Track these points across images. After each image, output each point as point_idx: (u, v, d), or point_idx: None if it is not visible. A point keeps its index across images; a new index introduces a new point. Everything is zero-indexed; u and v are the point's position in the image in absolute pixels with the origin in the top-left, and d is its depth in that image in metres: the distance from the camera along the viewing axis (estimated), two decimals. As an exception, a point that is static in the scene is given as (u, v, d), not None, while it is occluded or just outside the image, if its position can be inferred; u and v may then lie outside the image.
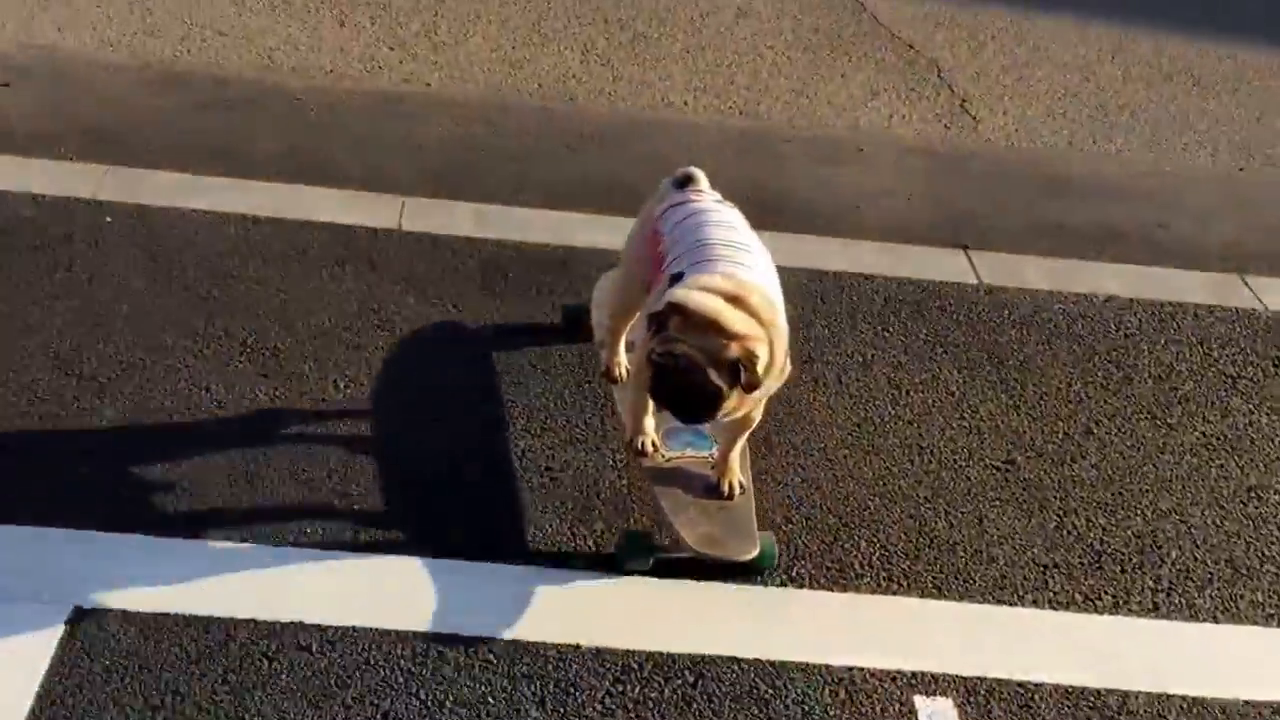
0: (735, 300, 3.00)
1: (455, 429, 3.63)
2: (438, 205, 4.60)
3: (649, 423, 3.41)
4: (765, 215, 4.65)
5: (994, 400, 3.97)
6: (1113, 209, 5.18)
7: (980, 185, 5.26)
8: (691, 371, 2.93)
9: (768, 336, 3.02)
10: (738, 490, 3.37)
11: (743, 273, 3.11)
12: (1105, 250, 4.88)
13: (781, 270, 3.29)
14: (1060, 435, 3.87)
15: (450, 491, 3.41)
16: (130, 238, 4.20)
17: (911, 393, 3.97)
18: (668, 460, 3.42)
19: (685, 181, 3.49)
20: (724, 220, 3.33)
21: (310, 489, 3.35)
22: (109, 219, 4.28)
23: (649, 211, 3.52)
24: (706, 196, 3.46)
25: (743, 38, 6.21)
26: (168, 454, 3.39)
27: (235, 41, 5.55)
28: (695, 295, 3.00)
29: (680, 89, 5.72)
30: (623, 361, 3.68)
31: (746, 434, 3.36)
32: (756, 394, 3.06)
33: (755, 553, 3.24)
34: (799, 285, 4.34)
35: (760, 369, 2.98)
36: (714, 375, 2.93)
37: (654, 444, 3.42)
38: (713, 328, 2.95)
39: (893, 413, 3.87)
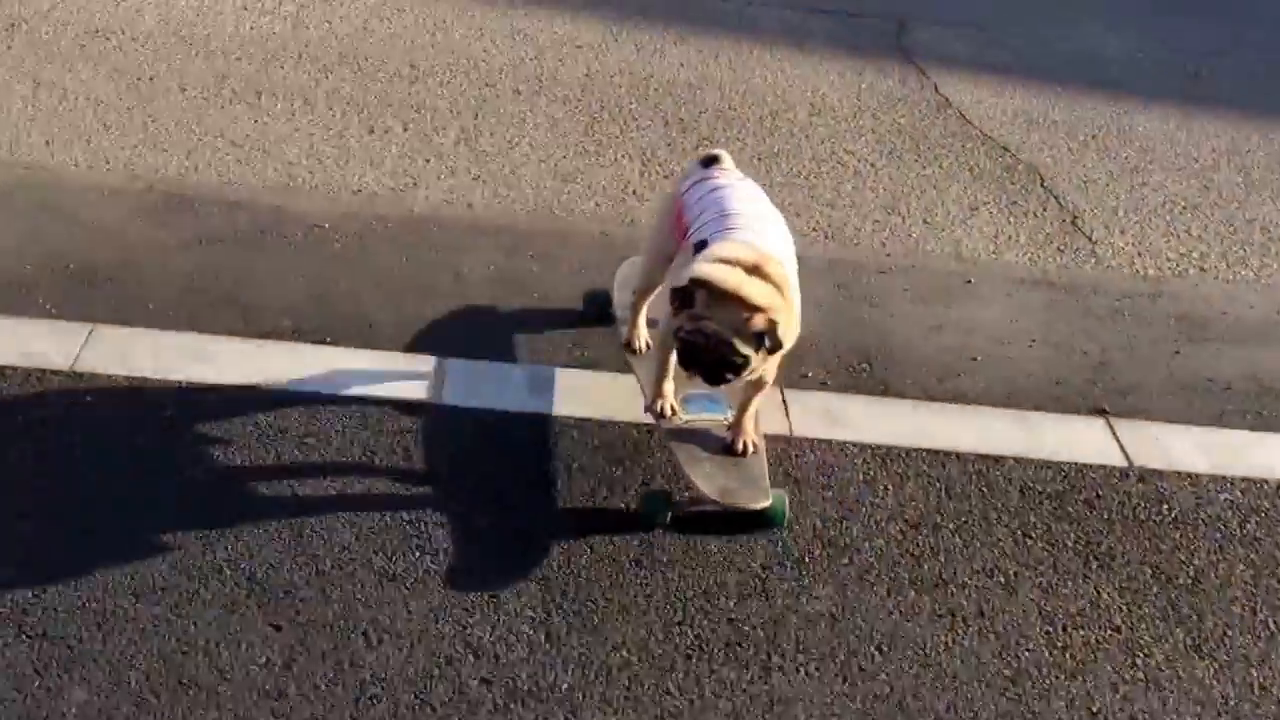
0: (754, 269, 3.22)
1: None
2: (486, 371, 3.87)
3: (668, 388, 3.59)
4: (869, 376, 4.01)
5: (1169, 639, 3.18)
6: (1265, 356, 4.40)
7: (1108, 326, 4.48)
8: (720, 345, 3.19)
9: (786, 301, 3.26)
10: (751, 448, 3.56)
11: (761, 241, 3.34)
12: (1264, 412, 4.10)
13: (896, 449, 3.45)
14: (1256, 692, 3.09)
15: None
16: (111, 425, 3.43)
17: (1069, 629, 3.18)
18: (686, 423, 3.62)
19: (711, 161, 3.74)
20: (746, 194, 3.59)
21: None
22: (89, 398, 3.52)
23: (674, 189, 3.83)
24: (730, 173, 3.71)
25: (819, 140, 5.47)
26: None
27: (251, 154, 4.81)
28: (718, 269, 3.22)
29: (755, 206, 4.98)
30: (643, 335, 3.89)
31: (761, 395, 3.56)
32: (777, 355, 3.33)
33: (767, 503, 3.42)
34: (918, 471, 3.61)
35: (781, 334, 3.23)
36: (741, 346, 3.18)
37: (673, 408, 3.59)
38: (736, 300, 3.17)
39: (1050, 658, 3.08)
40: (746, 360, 3.20)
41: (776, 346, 3.22)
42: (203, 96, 5.12)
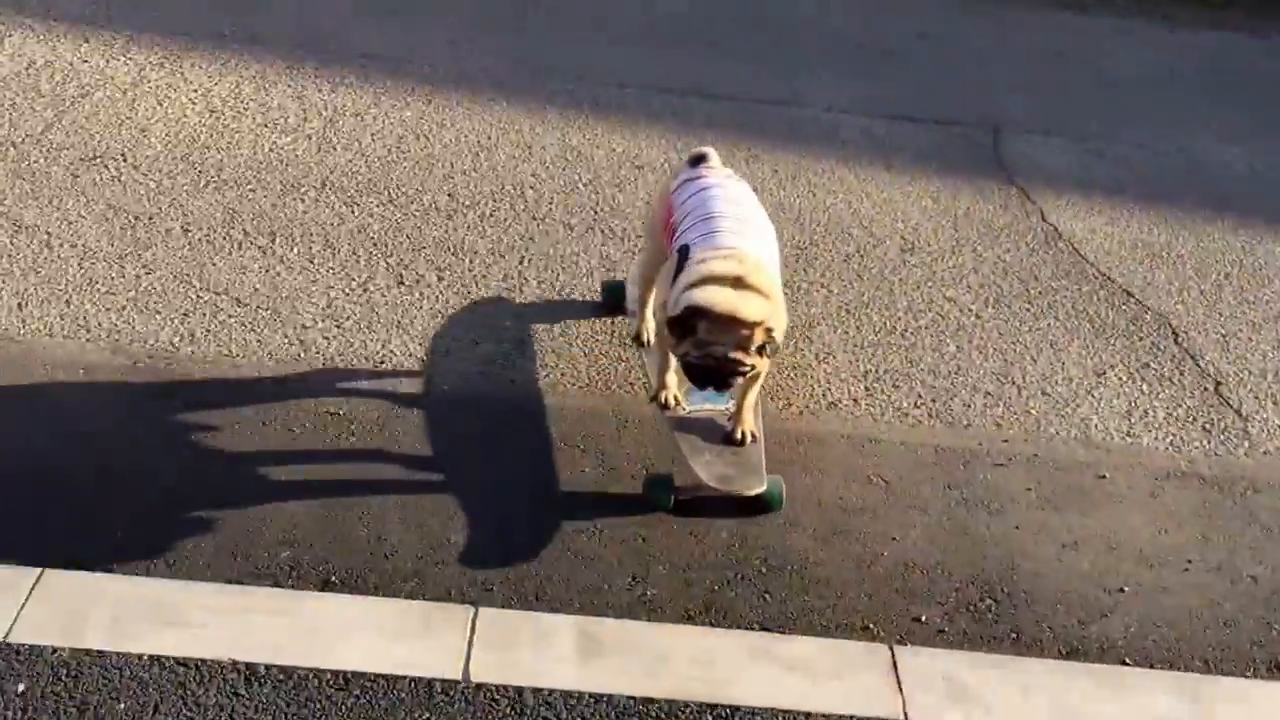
0: (740, 282, 3.38)
1: None
2: (523, 624, 3.11)
3: (671, 379, 3.75)
4: (995, 618, 3.27)
5: None
6: None
7: (1277, 540, 3.67)
8: (728, 363, 3.38)
9: (774, 304, 3.44)
10: (749, 438, 3.67)
11: (743, 245, 3.50)
12: None
13: None
14: None
15: None
16: None
17: None
18: (688, 413, 3.75)
19: (698, 160, 3.89)
20: (730, 195, 3.71)
21: None
22: (21, 687, 2.76)
23: (665, 187, 3.95)
24: (717, 172, 3.85)
25: (913, 283, 4.70)
26: None
27: (258, 314, 4.07)
28: (711, 295, 3.37)
29: (845, 376, 4.18)
30: (650, 327, 4.03)
31: (759, 386, 3.68)
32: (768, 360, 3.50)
33: (763, 488, 3.54)
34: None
35: (777, 338, 3.45)
36: (746, 359, 3.38)
37: (676, 399, 3.75)
38: (734, 321, 3.34)
39: None
40: (752, 368, 3.42)
41: (775, 351, 3.46)
42: (208, 239, 4.40)
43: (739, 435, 3.65)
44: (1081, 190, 5.53)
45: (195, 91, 5.27)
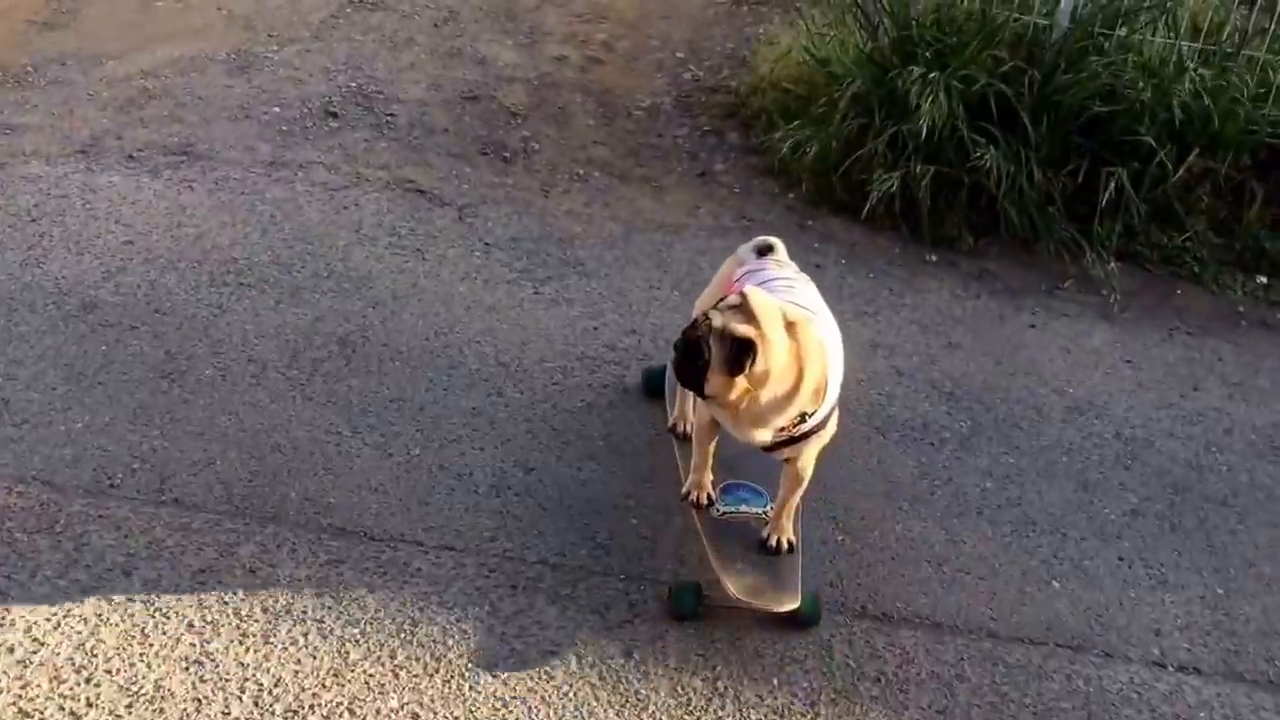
0: (790, 327, 3.14)
1: None
2: None
3: (707, 478, 3.57)
4: None
5: None
6: None
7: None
8: (699, 337, 3.12)
9: (793, 361, 3.13)
10: (785, 546, 3.47)
11: (816, 325, 3.27)
12: None
13: None
14: None
15: None
16: None
17: None
18: (721, 514, 3.56)
19: (766, 250, 3.64)
20: (800, 293, 3.44)
21: None
22: None
23: (726, 274, 3.68)
24: (786, 266, 3.61)
25: None
26: None
27: None
28: (761, 294, 3.20)
29: None
30: (688, 417, 3.81)
31: (800, 491, 3.46)
32: (742, 386, 3.13)
33: (795, 605, 3.35)
34: None
35: (758, 366, 3.09)
36: (712, 342, 3.10)
37: (709, 498, 3.57)
38: (746, 313, 3.12)
39: None
40: (707, 359, 3.12)
41: (737, 366, 3.10)
42: None
43: (774, 543, 3.45)
44: None
45: None
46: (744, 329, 3.07)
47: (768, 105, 5.94)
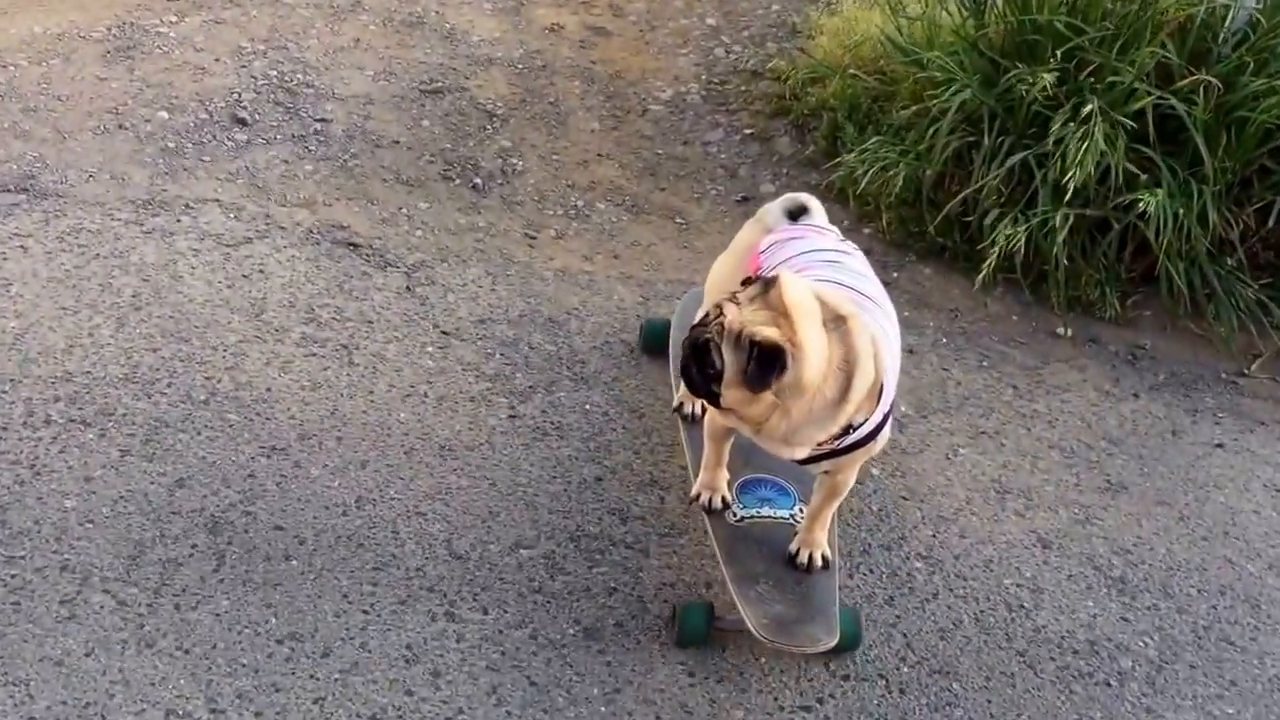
0: (836, 322, 2.36)
1: None
2: None
3: (722, 478, 2.77)
4: None
5: None
6: None
7: None
8: (709, 340, 2.40)
9: (839, 368, 2.35)
10: (818, 563, 2.66)
11: (869, 318, 2.46)
12: None
13: None
14: None
15: None
16: None
17: None
18: (738, 519, 2.75)
19: (799, 212, 2.81)
20: (849, 269, 2.62)
21: None
22: None
23: (747, 243, 2.85)
24: (827, 234, 2.76)
25: None
26: None
27: None
28: (796, 282, 2.40)
29: None
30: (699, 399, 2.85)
31: (838, 501, 2.68)
32: (768, 400, 2.35)
33: (832, 643, 2.56)
34: None
35: (787, 378, 2.32)
36: (725, 349, 2.37)
37: (724, 500, 2.76)
38: (779, 313, 2.34)
39: None
40: (719, 367, 2.36)
41: (760, 382, 2.31)
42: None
43: (805, 558, 2.67)
44: None
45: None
46: (769, 333, 2.31)
47: (831, 101, 4.29)
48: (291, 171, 3.88)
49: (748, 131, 4.39)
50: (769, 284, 2.40)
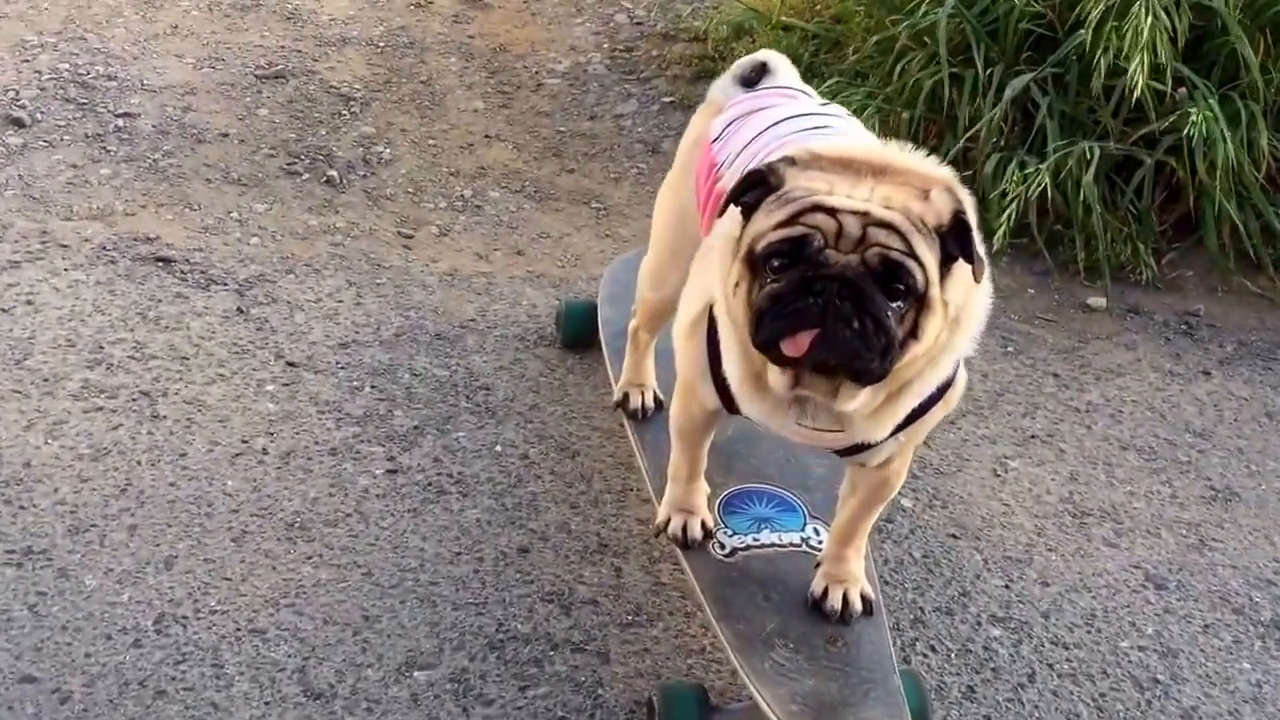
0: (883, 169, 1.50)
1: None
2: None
3: (699, 491, 1.81)
4: None
5: None
6: None
7: None
8: (887, 265, 1.35)
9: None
10: (857, 607, 1.71)
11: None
12: None
13: None
14: None
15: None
16: None
17: None
18: (729, 553, 1.79)
19: (755, 74, 1.88)
20: (844, 132, 1.68)
21: None
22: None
23: (694, 137, 1.93)
24: (801, 96, 1.82)
25: None
26: None
27: None
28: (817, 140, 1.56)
29: None
30: (649, 385, 2.07)
31: (887, 500, 1.71)
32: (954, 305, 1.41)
33: None
34: None
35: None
36: (917, 239, 1.35)
37: (705, 527, 1.80)
38: (877, 172, 1.42)
39: None
40: (924, 285, 1.35)
41: (973, 257, 1.38)
42: None
43: (837, 601, 1.68)
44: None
45: None
46: (943, 198, 1.39)
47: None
48: (81, 177, 2.83)
49: (667, 100, 3.46)
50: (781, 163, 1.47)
